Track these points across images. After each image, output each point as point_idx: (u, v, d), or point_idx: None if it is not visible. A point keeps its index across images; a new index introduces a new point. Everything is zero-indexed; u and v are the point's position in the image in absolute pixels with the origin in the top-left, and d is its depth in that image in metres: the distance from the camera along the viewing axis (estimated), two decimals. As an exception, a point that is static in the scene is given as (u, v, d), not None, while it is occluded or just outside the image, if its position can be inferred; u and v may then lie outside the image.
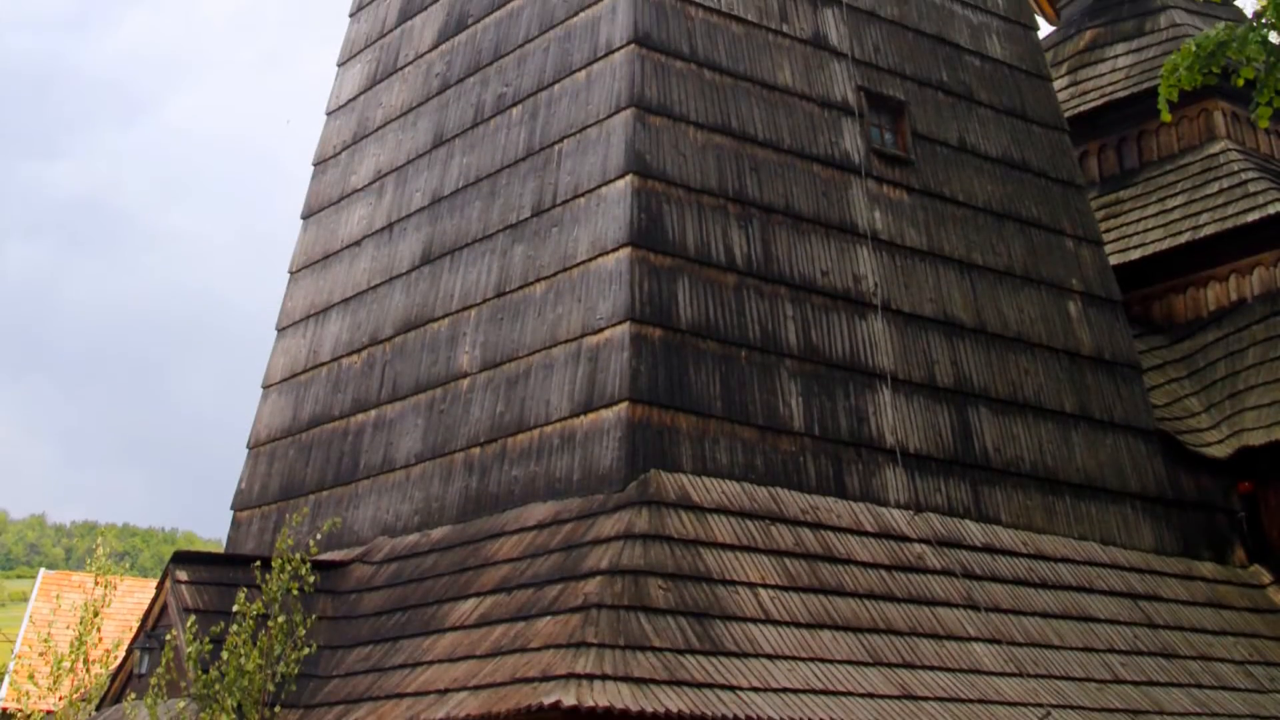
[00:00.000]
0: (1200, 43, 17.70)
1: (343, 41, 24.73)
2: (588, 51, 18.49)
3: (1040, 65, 22.88)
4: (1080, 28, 29.92)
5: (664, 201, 17.09)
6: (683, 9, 18.51)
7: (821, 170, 18.84)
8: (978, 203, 20.44)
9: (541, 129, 18.85)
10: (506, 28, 20.35)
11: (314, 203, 23.42)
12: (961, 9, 22.09)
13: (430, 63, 21.84)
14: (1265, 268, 23.34)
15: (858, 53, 20.12)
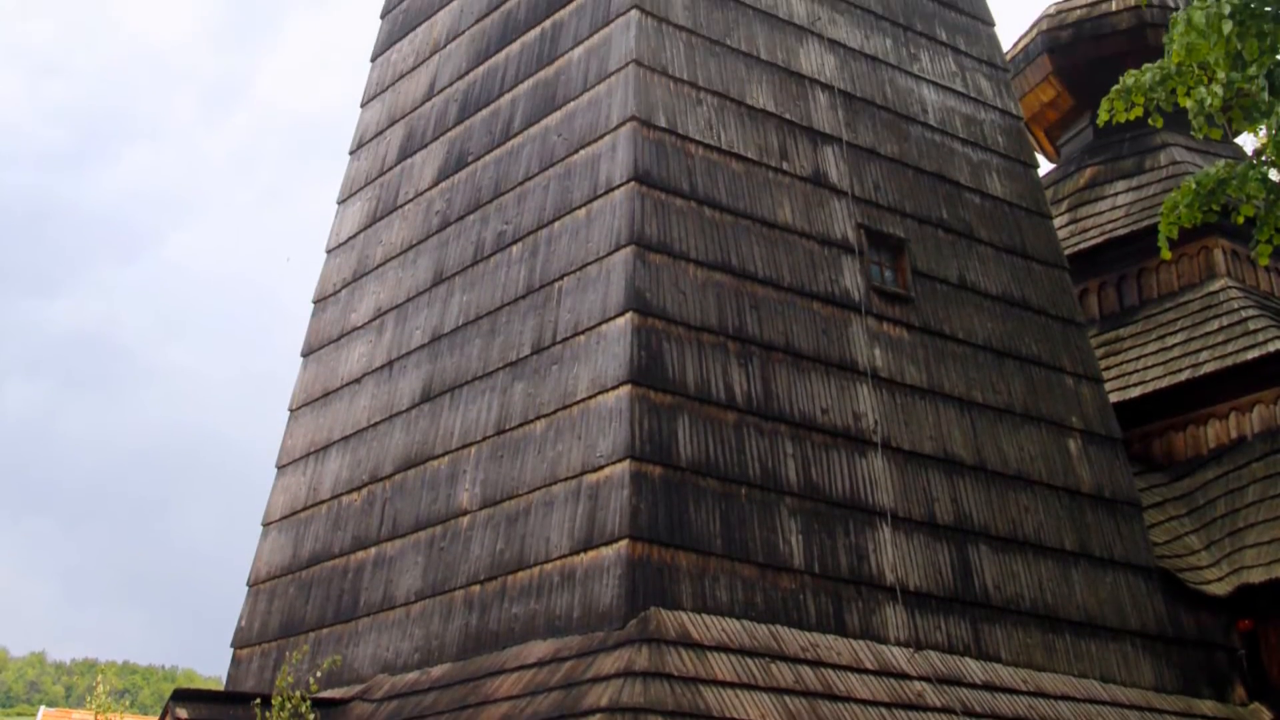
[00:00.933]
0: (1200, 180, 17.82)
1: (342, 179, 24.92)
2: (588, 189, 18.61)
3: (1040, 203, 23.01)
4: (1080, 165, 30.15)
5: (664, 339, 17.12)
6: (683, 146, 18.65)
7: (821, 308, 18.89)
8: (978, 340, 20.48)
9: (541, 266, 18.93)
10: (506, 165, 20.50)
11: (314, 340, 23.48)
12: (961, 146, 22.26)
13: (430, 200, 21.98)
14: (1265, 405, 23.33)
15: (858, 190, 20.25)
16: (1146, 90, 17.84)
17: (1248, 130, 18.22)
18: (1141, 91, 17.88)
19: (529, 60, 21.07)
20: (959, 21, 23.79)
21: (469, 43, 22.83)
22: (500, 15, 22.29)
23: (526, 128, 20.43)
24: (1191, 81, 17.21)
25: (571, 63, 20.06)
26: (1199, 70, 17.07)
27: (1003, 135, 23.11)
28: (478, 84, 22.08)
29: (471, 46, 22.70)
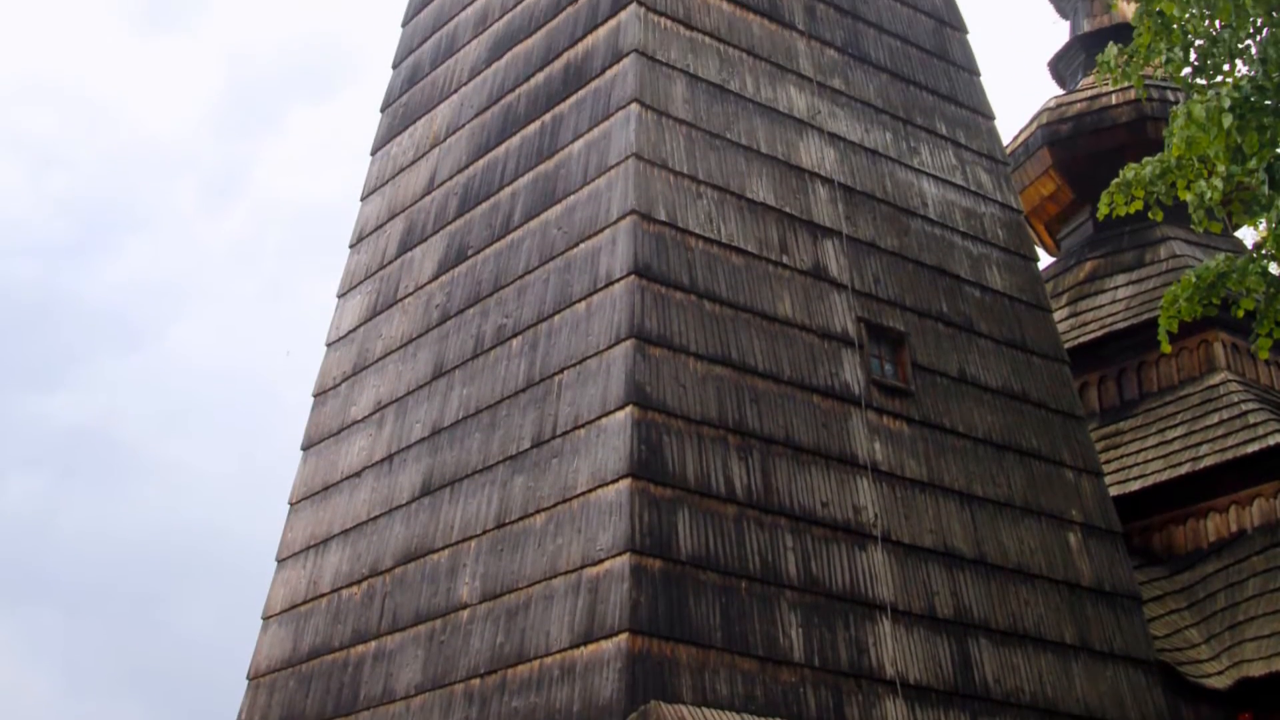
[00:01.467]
0: (1200, 274, 17.84)
1: (343, 272, 24.98)
2: (588, 283, 18.65)
3: (1040, 296, 23.05)
4: (1080, 258, 30.21)
5: (664, 433, 17.11)
6: (683, 240, 18.71)
7: (822, 401, 18.89)
8: (978, 434, 20.46)
9: (542, 360, 18.94)
10: (506, 259, 20.56)
11: (314, 434, 23.48)
12: (962, 240, 22.32)
13: (430, 294, 22.04)
14: (1265, 499, 23.28)
15: (858, 284, 20.29)
16: (1146, 184, 17.91)
17: (1248, 224, 18.27)
18: (1141, 185, 17.94)
19: (529, 154, 21.18)
20: (959, 115, 23.92)
21: (469, 136, 22.95)
22: (500, 109, 22.43)
23: (526, 221, 20.51)
24: (1191, 175, 17.27)
25: (571, 156, 20.16)
26: (1199, 164, 17.13)
27: (1003, 229, 23.18)
28: (478, 177, 22.18)
29: (471, 140, 22.82)
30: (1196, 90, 16.61)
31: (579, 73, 20.82)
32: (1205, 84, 16.78)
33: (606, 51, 20.40)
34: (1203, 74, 16.63)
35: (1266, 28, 15.43)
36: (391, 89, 26.41)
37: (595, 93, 20.31)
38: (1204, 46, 16.35)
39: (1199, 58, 16.50)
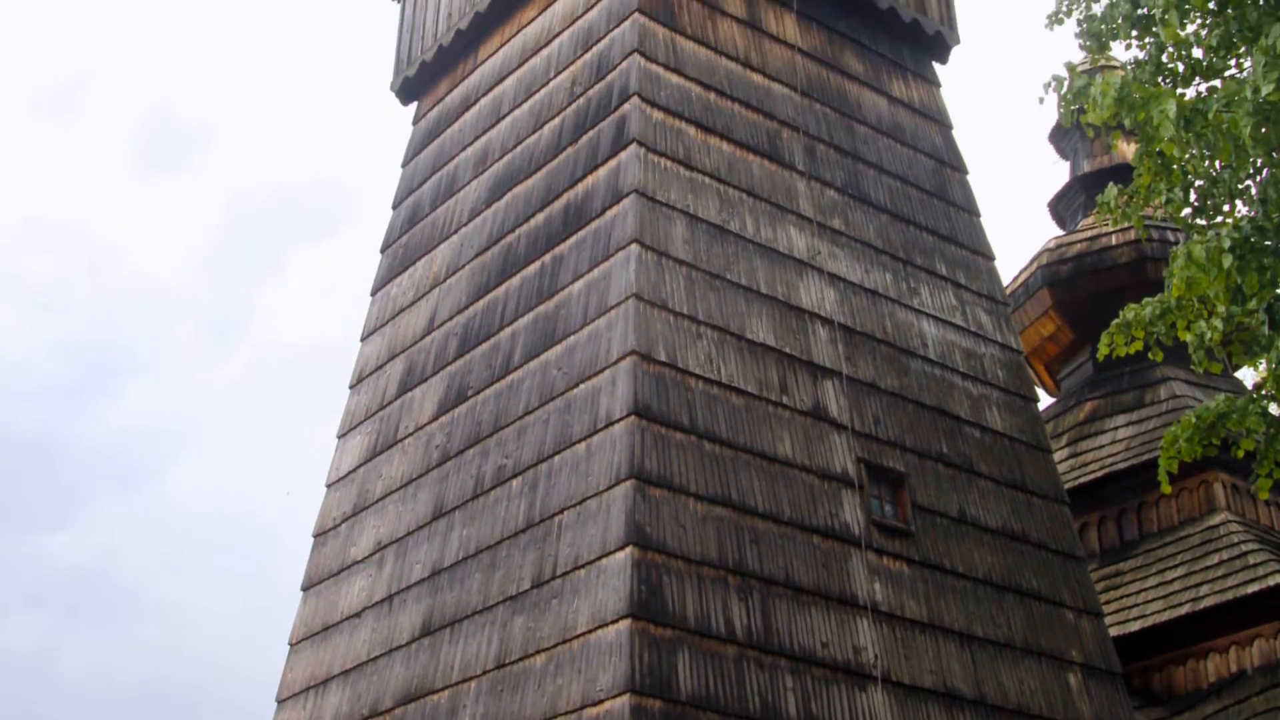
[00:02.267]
0: (1200, 414, 17.87)
1: (343, 413, 25.01)
2: (588, 423, 18.67)
3: (1040, 437, 23.05)
4: (1080, 399, 30.27)
5: (664, 573, 17.05)
6: (683, 381, 18.75)
7: (822, 542, 18.84)
8: (978, 574, 20.38)
9: (541, 500, 18.91)
10: (506, 399, 20.59)
11: (314, 574, 23.40)
12: (962, 380, 22.36)
13: (430, 434, 22.05)
14: (1265, 639, 23.20)
15: (858, 425, 20.31)
16: (1146, 324, 17.97)
17: (1248, 364, 18.34)
18: (1141, 325, 18.01)
19: (529, 294, 21.27)
20: (959, 256, 24.04)
21: (469, 277, 23.06)
22: (501, 249, 22.55)
23: (526, 361, 20.56)
24: (1191, 315, 17.33)
25: (572, 297, 20.25)
26: (1199, 304, 17.20)
27: (1003, 369, 23.23)
28: (478, 318, 22.27)
29: (472, 280, 22.92)
30: (1196, 230, 16.72)
31: (579, 213, 20.96)
32: (1205, 224, 16.90)
33: (606, 192, 20.55)
34: (1203, 214, 16.76)
35: (1266, 168, 15.55)
36: (391, 229, 26.57)
37: (595, 233, 20.43)
38: (1204, 187, 16.49)
39: (1199, 198, 16.63)
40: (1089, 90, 14.99)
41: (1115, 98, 14.67)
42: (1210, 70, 16.00)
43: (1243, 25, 14.54)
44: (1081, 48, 17.33)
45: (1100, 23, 16.60)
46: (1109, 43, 16.87)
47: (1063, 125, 24.21)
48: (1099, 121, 15.05)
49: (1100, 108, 14.80)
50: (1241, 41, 15.00)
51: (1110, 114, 14.85)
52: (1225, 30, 15.00)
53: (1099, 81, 14.89)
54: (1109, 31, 16.56)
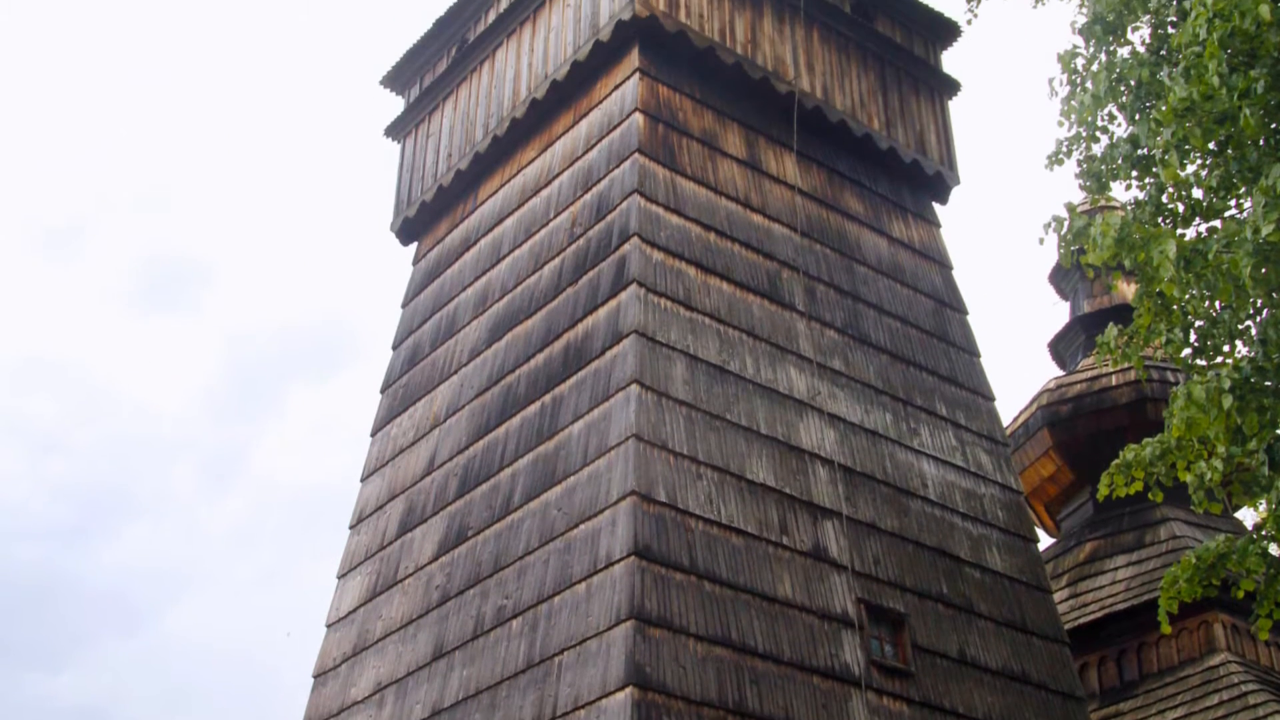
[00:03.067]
0: (1200, 555, 17.79)
1: (343, 553, 24.92)
2: (588, 564, 18.59)
3: (1041, 577, 22.96)
4: (1080, 539, 30.15)
5: (664, 713, 16.90)
6: (683, 521, 18.69)
7: (822, 682, 18.71)
8: (978, 715, 20.20)
9: (541, 641, 18.79)
10: (506, 540, 20.52)
11: (314, 715, 23.18)
12: (962, 521, 22.30)
13: (430, 574, 21.95)
14: (1265, 781, 23.01)
15: (858, 565, 20.23)
16: (1146, 465, 17.92)
17: (1248, 505, 18.27)
18: (1141, 466, 17.96)
19: (529, 435, 21.26)
20: (959, 396, 24.06)
21: (469, 417, 23.05)
22: (501, 389, 22.56)
23: (526, 502, 20.51)
24: (1191, 456, 17.29)
25: (572, 437, 20.24)
26: (1199, 445, 17.17)
27: (1003, 510, 23.18)
28: (478, 458, 22.24)
29: (472, 421, 22.92)
30: (1196, 371, 16.72)
31: (579, 353, 21.00)
32: (1205, 365, 16.90)
33: (607, 332, 20.60)
34: (1203, 355, 16.77)
35: (1266, 309, 15.59)
36: (391, 370, 26.61)
37: (595, 373, 20.45)
38: (1204, 328, 16.50)
39: (1199, 339, 16.64)
40: (1089, 231, 15.06)
41: (1115, 238, 14.73)
42: (1210, 211, 16.08)
43: (1243, 166, 14.62)
44: (1082, 188, 17.40)
45: (1100, 163, 16.69)
46: (1109, 183, 16.95)
47: (1063, 266, 24.35)
48: (1099, 262, 15.10)
49: (1100, 248, 14.86)
50: (1241, 182, 15.08)
51: (1110, 254, 14.90)
52: (1225, 171, 15.10)
53: (1099, 222, 14.96)
54: (1109, 172, 16.65)
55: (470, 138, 26.73)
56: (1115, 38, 16.47)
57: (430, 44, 29.06)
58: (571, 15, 24.75)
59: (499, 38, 26.80)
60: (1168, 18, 16.28)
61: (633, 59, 23.10)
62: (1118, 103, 16.03)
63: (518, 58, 26.05)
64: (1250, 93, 13.61)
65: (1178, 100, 13.77)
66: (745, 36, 24.40)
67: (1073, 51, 16.41)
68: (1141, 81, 15.69)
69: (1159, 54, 16.18)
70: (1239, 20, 13.18)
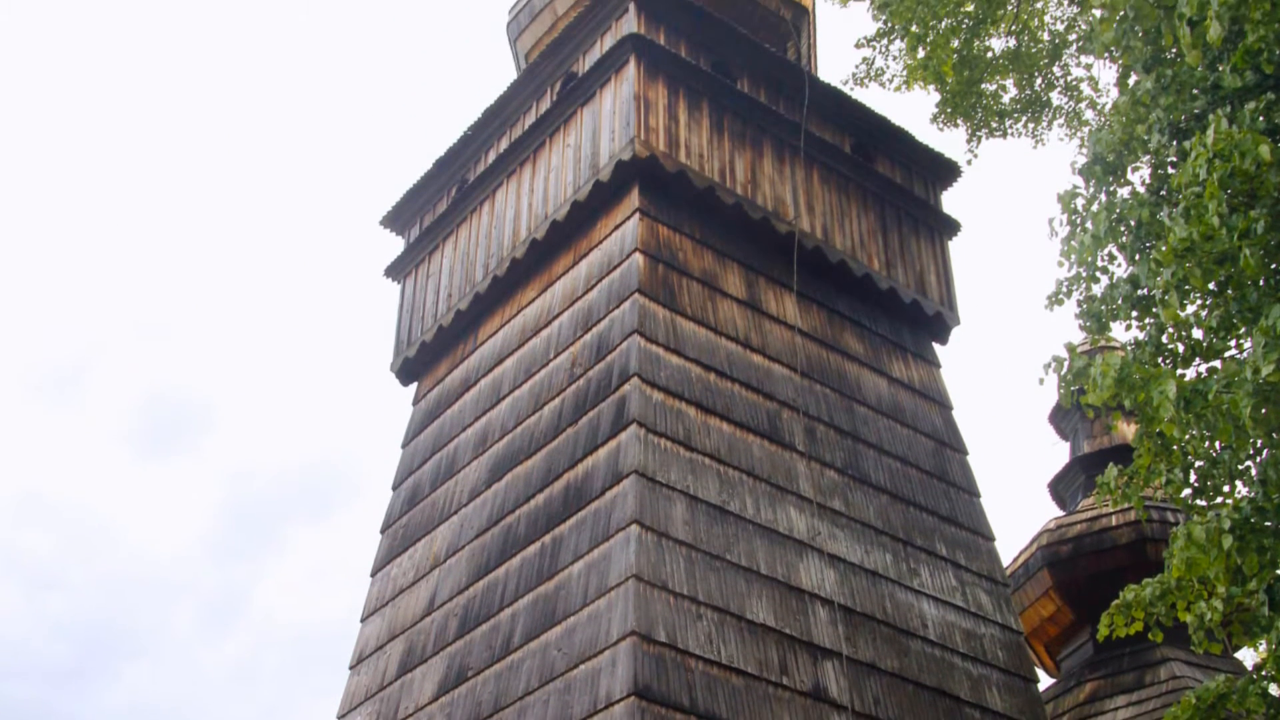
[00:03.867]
0: (1200, 695, 17.68)
1: (342, 694, 24.74)
2: (588, 704, 18.43)
3: (1040, 718, 22.79)
4: (1080, 679, 30.00)
5: None
6: (683, 661, 18.58)
7: (825, 825, 18.55)
8: None
9: (541, 782, 18.65)
10: (507, 680, 20.37)
11: None
12: (962, 661, 22.17)
13: (431, 715, 21.76)
14: None
15: (858, 705, 20.07)
16: (1146, 605, 17.87)
17: (1248, 645, 18.21)
18: (1141, 606, 17.90)
19: (529, 575, 21.17)
20: (959, 536, 24.00)
21: (469, 557, 22.98)
22: (501, 530, 22.51)
23: (527, 642, 20.39)
24: (1191, 596, 17.25)
25: (572, 577, 20.16)
26: (1199, 585, 17.13)
27: (1003, 650, 23.05)
28: (478, 599, 22.14)
29: (472, 561, 22.84)
30: (1196, 511, 16.73)
31: (579, 494, 20.97)
32: (1205, 505, 16.90)
33: (607, 473, 20.58)
34: (1203, 495, 16.77)
35: (1267, 449, 15.61)
36: (391, 510, 26.56)
37: (595, 514, 20.41)
38: (1204, 468, 16.52)
39: (1199, 479, 16.65)
40: (1089, 371, 15.10)
41: (1115, 378, 14.78)
42: (1210, 351, 16.15)
43: (1243, 306, 14.70)
44: (1082, 328, 17.49)
45: (1100, 303, 16.78)
46: (1109, 323, 17.04)
47: (1063, 406, 24.43)
48: (1099, 402, 15.13)
49: (1100, 389, 14.89)
50: (1242, 322, 15.16)
51: (1110, 395, 14.94)
52: (1225, 311, 15.17)
53: (1099, 362, 15.01)
54: (1109, 312, 16.74)
55: (470, 278, 26.85)
56: (1115, 178, 16.62)
57: (430, 184, 29.28)
58: (571, 155, 24.97)
59: (499, 178, 27.01)
60: (1168, 158, 16.43)
61: (633, 199, 23.27)
62: (1118, 243, 16.15)
63: (518, 198, 26.24)
64: (1250, 233, 13.71)
65: (1178, 240, 13.86)
66: (745, 176, 24.61)
67: (1073, 192, 16.54)
68: (1142, 222, 15.80)
69: (1159, 194, 16.32)
70: (1239, 160, 13.29)
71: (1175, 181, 14.43)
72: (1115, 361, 14.91)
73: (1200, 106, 15.74)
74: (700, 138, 24.33)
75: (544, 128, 26.13)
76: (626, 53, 24.25)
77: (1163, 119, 15.85)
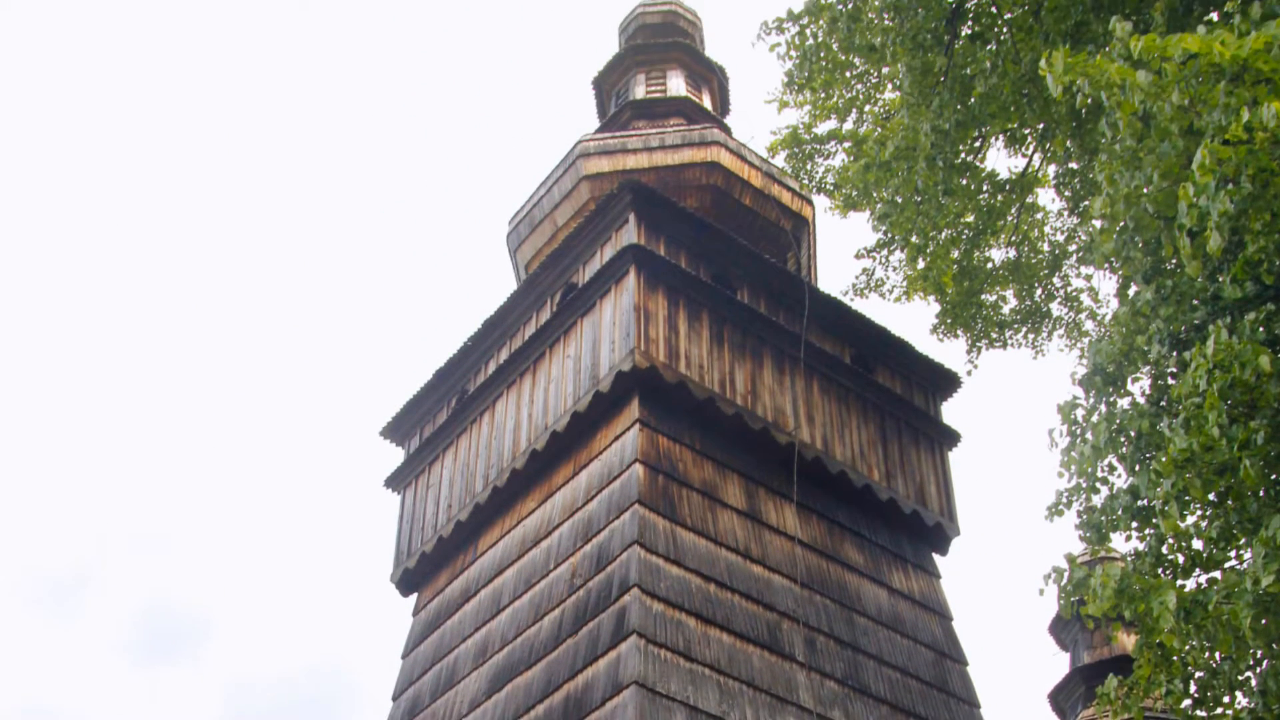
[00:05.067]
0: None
1: None
2: None
3: None
4: None
5: None
6: None
7: None
8: None
9: None
10: None
11: None
12: None
13: None
14: None
15: None
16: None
17: None
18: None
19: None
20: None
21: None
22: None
23: None
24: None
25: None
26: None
27: None
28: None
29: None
30: (1196, 722, 16.59)
31: (579, 704, 20.77)
32: (1205, 716, 16.76)
33: (607, 683, 20.42)
34: (1203, 705, 16.63)
35: (1267, 660, 15.50)
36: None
37: (595, 724, 20.24)
38: (1204, 679, 16.40)
39: (1199, 690, 16.52)
40: (1089, 582, 15.03)
41: (1115, 589, 14.71)
42: (1210, 562, 16.07)
43: (1243, 517, 14.68)
44: (1082, 539, 17.44)
45: (1100, 514, 16.74)
46: (1109, 534, 16.98)
47: (1063, 617, 24.24)
48: (1099, 613, 15.04)
49: (1100, 599, 14.82)
50: (1242, 533, 15.11)
51: (1110, 606, 14.86)
52: (1225, 522, 15.13)
53: (1099, 573, 14.95)
54: (1109, 523, 16.68)
55: (470, 489, 26.85)
56: (1115, 389, 16.66)
57: (430, 395, 29.39)
58: (571, 366, 25.09)
59: (499, 388, 27.12)
60: (1168, 369, 16.50)
61: (633, 410, 23.34)
62: (1118, 454, 16.15)
63: (518, 408, 26.32)
64: (1250, 444, 13.73)
65: (1178, 451, 13.88)
66: (746, 387, 24.71)
67: (1073, 402, 16.58)
68: (1142, 432, 15.82)
69: (1159, 405, 16.36)
70: (1239, 371, 13.35)
71: (1175, 392, 14.47)
72: (1115, 572, 14.86)
73: (1200, 317, 15.82)
74: (700, 348, 24.47)
75: (544, 338, 26.29)
76: (627, 263, 24.46)
77: (1163, 329, 15.92)
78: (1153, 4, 16.88)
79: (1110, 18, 16.88)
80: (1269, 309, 14.66)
